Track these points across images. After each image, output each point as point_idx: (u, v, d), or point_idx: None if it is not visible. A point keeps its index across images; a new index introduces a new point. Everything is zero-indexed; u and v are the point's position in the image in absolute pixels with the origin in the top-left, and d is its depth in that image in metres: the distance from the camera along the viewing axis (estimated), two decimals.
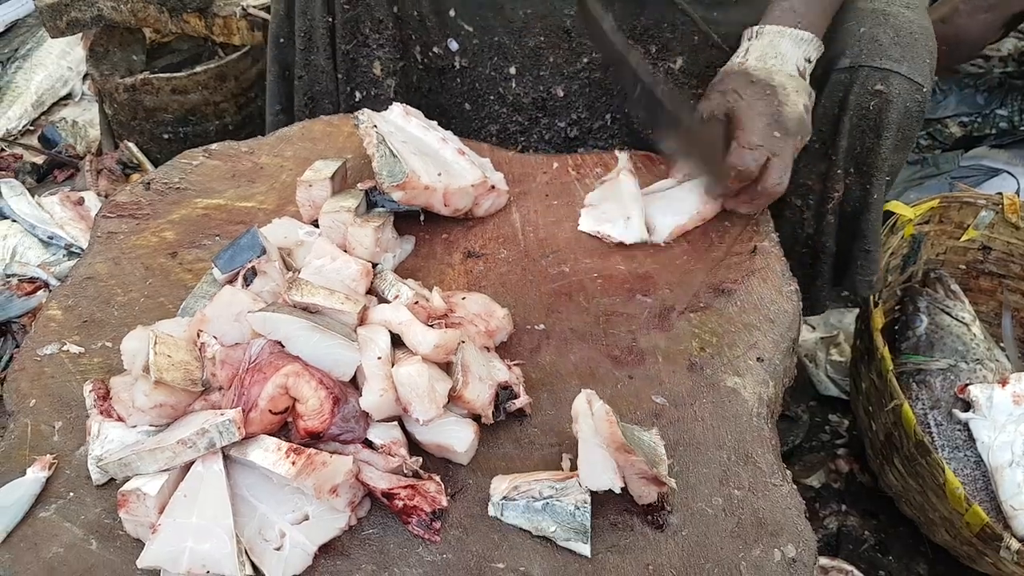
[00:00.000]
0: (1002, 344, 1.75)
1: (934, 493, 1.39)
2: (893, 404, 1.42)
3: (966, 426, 1.56)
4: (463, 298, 1.11)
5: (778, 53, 1.20)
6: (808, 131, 1.21)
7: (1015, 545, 1.28)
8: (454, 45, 1.50)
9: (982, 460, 1.52)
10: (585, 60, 1.46)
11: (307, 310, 0.99)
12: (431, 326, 1.02)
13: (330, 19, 1.47)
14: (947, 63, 2.30)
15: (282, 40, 1.55)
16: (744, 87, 1.18)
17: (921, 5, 1.33)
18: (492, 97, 1.55)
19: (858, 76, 1.25)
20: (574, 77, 1.48)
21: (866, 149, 1.29)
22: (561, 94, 1.49)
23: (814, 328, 2.02)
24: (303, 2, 1.48)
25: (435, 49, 1.52)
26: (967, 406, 1.57)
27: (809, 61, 1.22)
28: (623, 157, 1.34)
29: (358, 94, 1.54)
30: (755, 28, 1.25)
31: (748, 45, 1.24)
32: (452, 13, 1.47)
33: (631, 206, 1.24)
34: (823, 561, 1.49)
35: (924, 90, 1.25)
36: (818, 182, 1.34)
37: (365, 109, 1.23)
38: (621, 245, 1.24)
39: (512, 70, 1.50)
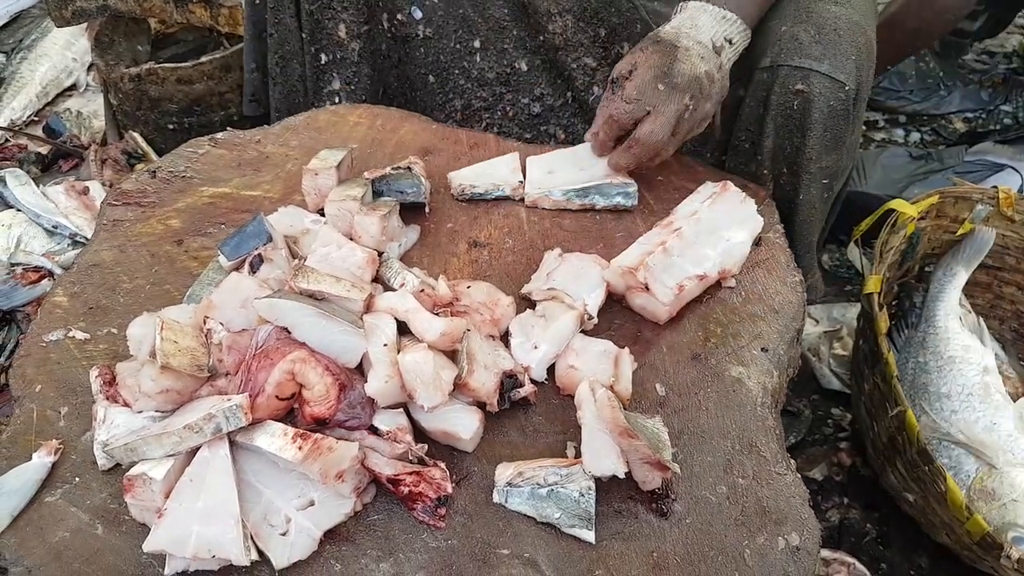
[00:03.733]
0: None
1: (935, 499, 1.38)
2: (897, 411, 1.41)
3: None
4: (468, 287, 1.11)
5: (694, 24, 1.20)
6: (713, 92, 1.19)
7: (1016, 554, 1.27)
8: (418, 13, 1.50)
9: None
10: (542, 38, 1.46)
11: (313, 297, 0.99)
12: (436, 314, 1.02)
13: None
14: (928, 36, 2.27)
15: (257, 1, 1.56)
16: (648, 45, 1.18)
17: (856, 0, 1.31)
18: (456, 71, 1.55)
19: (778, 75, 1.24)
20: (536, 52, 1.49)
21: (793, 148, 1.28)
22: (524, 68, 1.50)
23: (817, 322, 2.01)
24: None
25: (399, 16, 1.52)
26: None
27: (730, 41, 1.21)
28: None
29: (323, 56, 1.54)
30: (681, 3, 1.25)
31: (672, 19, 1.24)
32: None
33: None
34: (825, 553, 1.49)
35: (847, 88, 1.23)
36: (749, 182, 1.33)
37: None
38: (627, 235, 1.24)
39: (476, 43, 1.51)
